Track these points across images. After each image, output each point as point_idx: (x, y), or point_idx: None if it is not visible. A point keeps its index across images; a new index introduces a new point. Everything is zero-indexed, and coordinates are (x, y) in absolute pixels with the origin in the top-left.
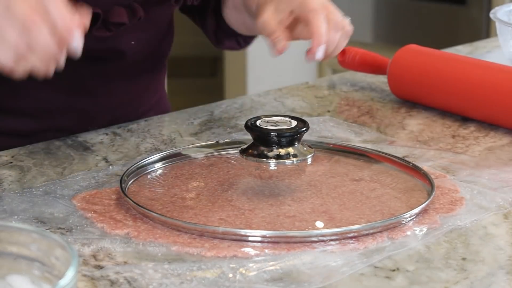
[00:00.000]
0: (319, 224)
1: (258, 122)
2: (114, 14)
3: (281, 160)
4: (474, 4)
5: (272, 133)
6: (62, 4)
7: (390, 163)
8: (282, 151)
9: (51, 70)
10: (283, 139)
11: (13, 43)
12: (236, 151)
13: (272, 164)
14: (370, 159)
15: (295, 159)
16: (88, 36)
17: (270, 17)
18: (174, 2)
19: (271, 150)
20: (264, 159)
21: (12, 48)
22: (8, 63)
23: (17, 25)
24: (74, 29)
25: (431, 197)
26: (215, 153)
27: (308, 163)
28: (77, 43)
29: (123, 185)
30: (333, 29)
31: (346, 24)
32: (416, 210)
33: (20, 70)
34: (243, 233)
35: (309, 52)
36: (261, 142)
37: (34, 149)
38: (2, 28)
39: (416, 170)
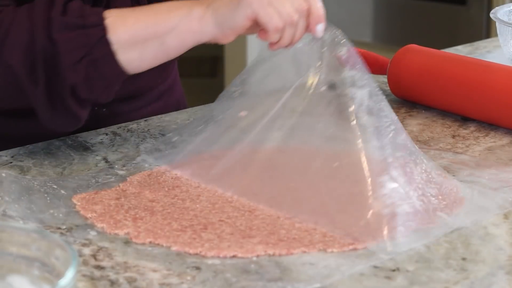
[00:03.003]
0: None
1: None
2: (118, 0)
3: None
4: (474, 4)
5: None
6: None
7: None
8: None
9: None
10: None
11: (286, 15)
12: None
13: None
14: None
15: None
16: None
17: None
18: None
19: None
20: None
21: (284, 17)
22: (279, 26)
23: (294, 5)
24: (320, 22)
25: None
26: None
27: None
28: (319, 33)
29: None
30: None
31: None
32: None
33: (285, 35)
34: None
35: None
36: None
37: (34, 149)
38: (281, 3)
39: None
